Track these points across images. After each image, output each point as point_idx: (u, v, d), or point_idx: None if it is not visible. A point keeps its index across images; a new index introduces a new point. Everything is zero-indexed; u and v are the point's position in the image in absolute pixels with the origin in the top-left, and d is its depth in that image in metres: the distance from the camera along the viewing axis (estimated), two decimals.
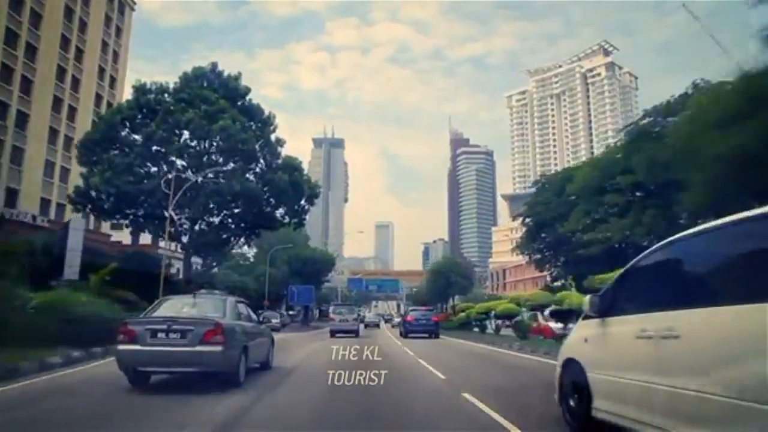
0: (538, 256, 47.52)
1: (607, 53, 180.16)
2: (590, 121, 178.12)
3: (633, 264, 4.97)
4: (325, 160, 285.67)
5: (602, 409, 4.83)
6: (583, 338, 5.48)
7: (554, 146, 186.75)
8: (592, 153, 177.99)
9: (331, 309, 41.67)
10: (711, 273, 3.92)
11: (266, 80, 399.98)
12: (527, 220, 47.26)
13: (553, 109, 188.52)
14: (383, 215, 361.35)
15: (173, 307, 9.77)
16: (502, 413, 6.38)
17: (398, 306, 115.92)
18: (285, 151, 42.08)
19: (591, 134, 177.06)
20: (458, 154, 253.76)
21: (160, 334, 8.52)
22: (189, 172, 37.05)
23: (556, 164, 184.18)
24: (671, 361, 3.86)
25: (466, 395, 7.92)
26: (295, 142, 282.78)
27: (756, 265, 3.27)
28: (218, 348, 8.45)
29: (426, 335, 29.25)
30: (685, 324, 3.75)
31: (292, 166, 39.87)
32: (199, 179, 36.01)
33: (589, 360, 5.19)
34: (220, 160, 37.60)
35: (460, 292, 79.37)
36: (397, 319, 59.19)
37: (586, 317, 5.47)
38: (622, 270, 5.20)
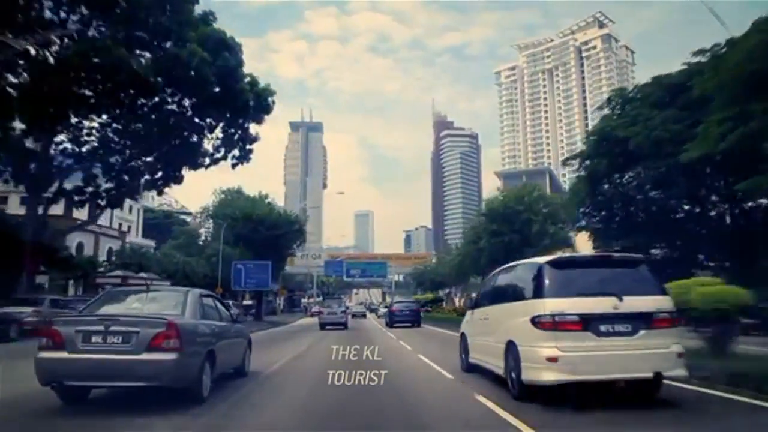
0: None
1: (602, 25, 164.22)
2: (585, 98, 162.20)
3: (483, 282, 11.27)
4: (303, 145, 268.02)
5: (473, 357, 9.74)
6: (466, 320, 10.68)
7: (546, 124, 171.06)
8: (588, 132, 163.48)
9: (318, 303, 48.27)
10: (498, 289, 8.87)
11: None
12: (587, 163, 29.70)
13: (545, 85, 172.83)
14: (363, 205, 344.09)
15: (119, 302, 7.85)
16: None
17: (383, 295, 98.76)
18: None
19: (586, 112, 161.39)
20: (442, 137, 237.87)
21: (95, 338, 6.51)
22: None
23: (548, 143, 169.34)
24: (487, 330, 8.74)
25: None
26: (273, 132, 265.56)
27: (509, 286, 8.31)
28: (171, 356, 6.49)
29: (409, 324, 30.72)
30: (490, 312, 8.78)
31: (218, 42, 21.84)
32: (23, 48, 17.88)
33: (468, 332, 10.29)
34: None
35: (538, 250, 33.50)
36: (383, 309, 52.22)
37: (469, 309, 10.86)
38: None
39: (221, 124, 25.75)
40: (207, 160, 27.20)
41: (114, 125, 24.82)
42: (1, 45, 18.06)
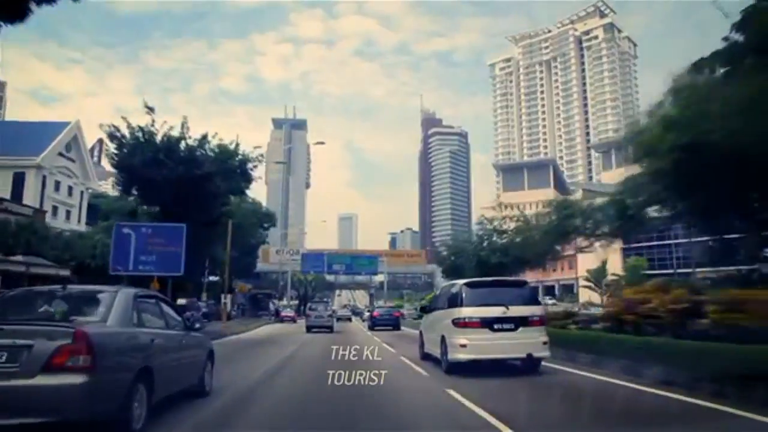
0: None
1: (603, 15, 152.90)
2: (585, 91, 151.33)
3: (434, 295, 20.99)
4: (286, 142, 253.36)
5: (426, 348, 12.89)
6: (423, 322, 14.37)
7: (543, 119, 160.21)
8: (588, 126, 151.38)
9: (293, 306, 55.23)
10: (440, 300, 12.87)
11: (229, 71, 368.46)
12: None
13: (542, 78, 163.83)
14: (347, 209, 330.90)
15: (21, 305, 6.08)
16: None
17: (371, 297, 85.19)
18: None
19: (586, 105, 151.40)
20: (430, 134, 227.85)
21: None
22: None
23: (545, 139, 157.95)
24: (433, 328, 12.25)
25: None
26: (258, 134, 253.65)
27: (445, 298, 12.14)
28: (78, 378, 4.73)
29: (390, 327, 32.54)
30: (435, 316, 12.57)
31: None
32: None
33: (423, 329, 13.68)
34: None
35: None
36: (368, 313, 50.27)
37: (425, 313, 14.75)
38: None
39: None
40: None
41: None
42: None
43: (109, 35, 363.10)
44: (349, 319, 50.66)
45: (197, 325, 10.04)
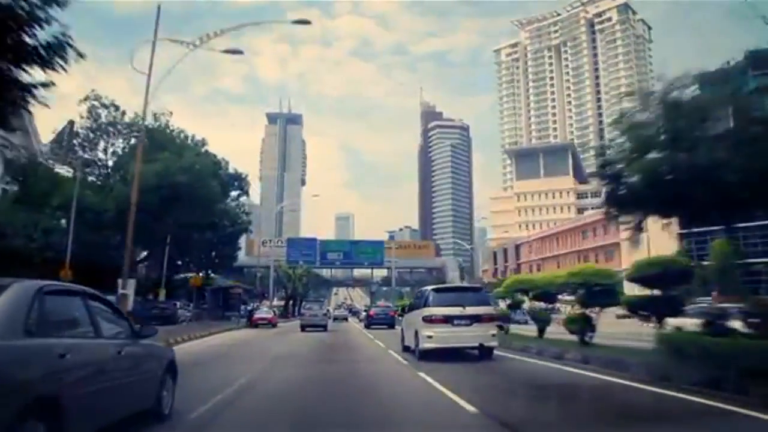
0: None
1: None
2: (597, 77, 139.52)
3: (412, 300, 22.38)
4: (281, 138, 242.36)
5: (406, 342, 16.26)
6: (402, 321, 20.10)
7: (553, 106, 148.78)
8: (600, 114, 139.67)
9: (277, 309, 48.86)
10: (415, 302, 16.48)
11: (226, 71, 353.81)
12: None
13: (551, 63, 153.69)
14: (344, 209, 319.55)
15: None
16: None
17: (372, 296, 73.24)
18: None
19: (599, 92, 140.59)
20: (430, 128, 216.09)
21: None
22: None
23: (554, 128, 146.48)
24: (409, 325, 15.87)
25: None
26: (253, 132, 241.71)
27: (418, 300, 15.96)
28: None
29: (385, 326, 33.67)
30: (412, 315, 15.83)
31: None
32: None
33: (403, 327, 17.91)
34: None
35: None
36: (365, 313, 46.93)
37: (404, 314, 20.45)
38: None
39: None
40: None
41: None
42: None
43: (104, 35, 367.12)
44: (345, 319, 50.37)
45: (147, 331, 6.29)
